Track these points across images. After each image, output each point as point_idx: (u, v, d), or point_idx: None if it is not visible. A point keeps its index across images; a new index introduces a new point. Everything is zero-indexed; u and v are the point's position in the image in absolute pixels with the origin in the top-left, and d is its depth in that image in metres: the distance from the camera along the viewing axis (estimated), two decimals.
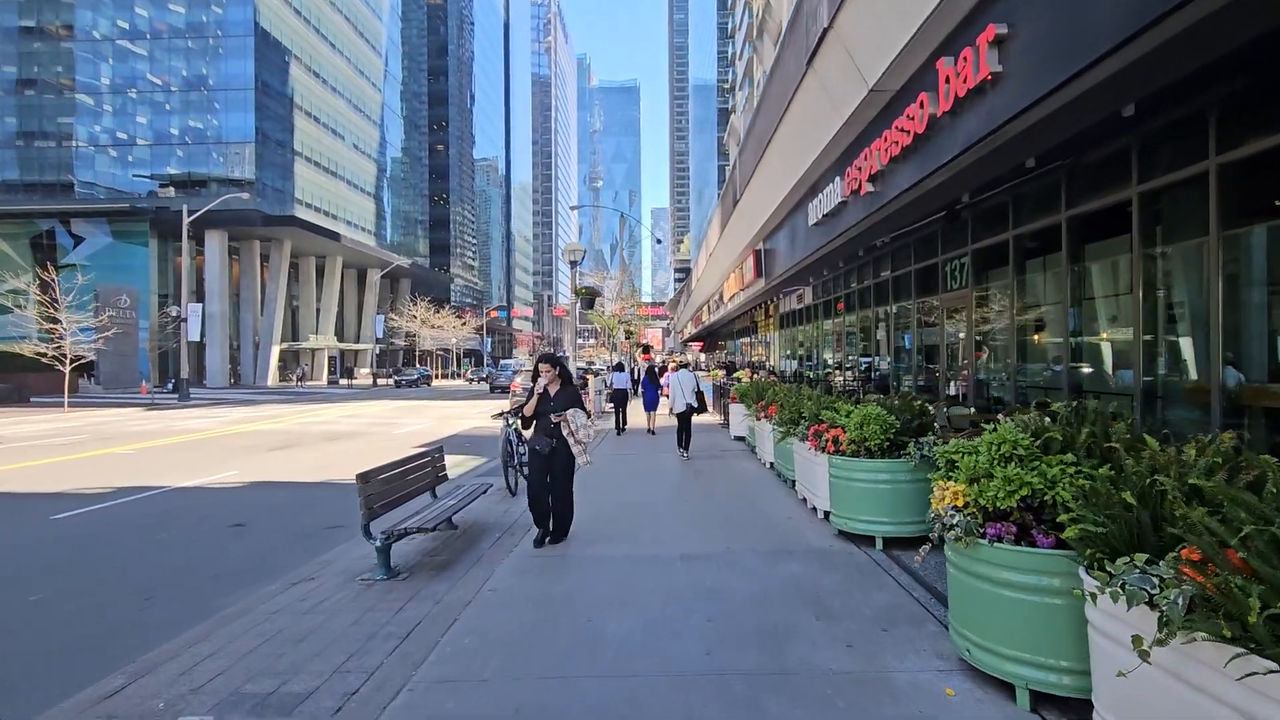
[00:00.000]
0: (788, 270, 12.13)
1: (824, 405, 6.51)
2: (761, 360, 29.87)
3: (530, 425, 6.40)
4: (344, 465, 11.65)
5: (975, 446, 3.19)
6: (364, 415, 22.85)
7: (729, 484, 8.75)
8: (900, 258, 12.98)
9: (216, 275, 51.69)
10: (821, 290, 19.06)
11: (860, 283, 15.54)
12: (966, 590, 3.19)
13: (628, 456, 11.89)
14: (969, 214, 10.02)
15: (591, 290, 15.50)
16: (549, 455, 6.26)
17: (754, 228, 13.62)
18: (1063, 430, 3.11)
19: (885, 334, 14.08)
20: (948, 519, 3.17)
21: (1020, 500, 2.89)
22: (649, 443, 13.89)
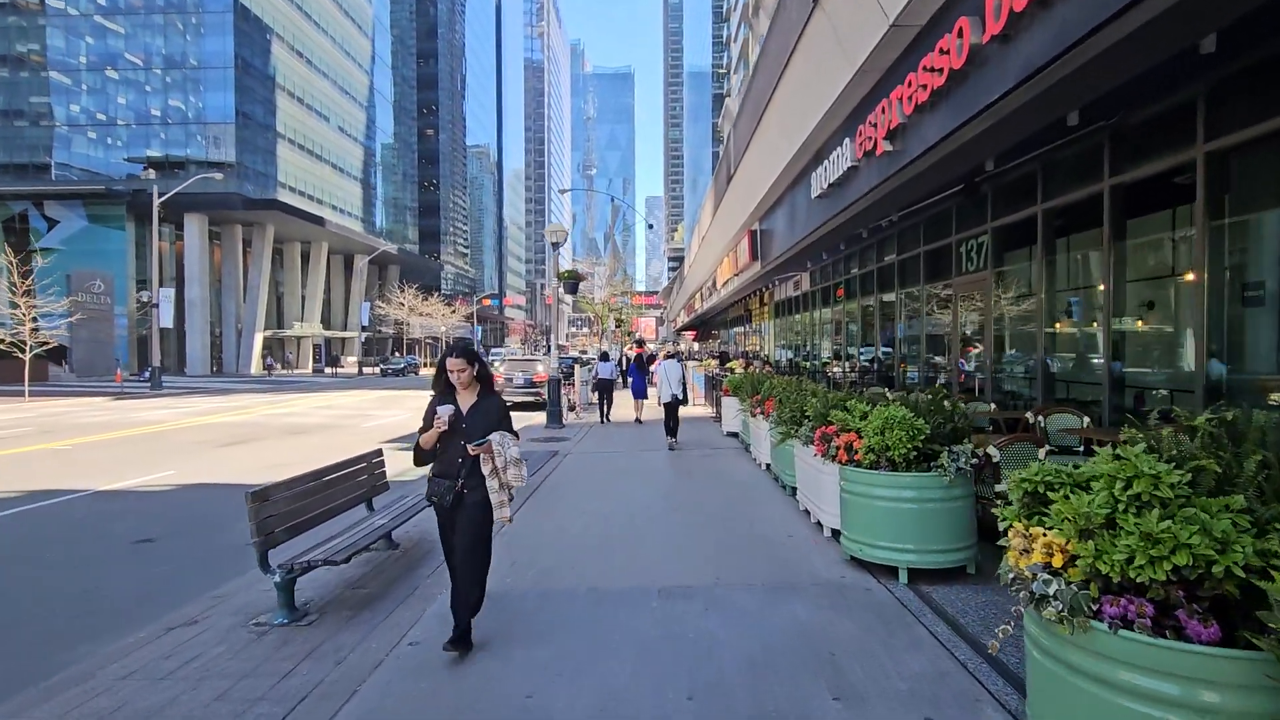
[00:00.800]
0: (786, 251, 11.07)
1: (832, 404, 5.46)
2: (755, 350, 28.86)
3: (424, 460, 3.99)
4: (298, 464, 10.56)
5: (1082, 475, 2.15)
6: (338, 406, 21.74)
7: (720, 489, 7.73)
8: (908, 239, 11.94)
9: (196, 260, 50.17)
10: (819, 276, 18.02)
11: (862, 267, 14.50)
12: (1063, 691, 2.16)
13: (612, 455, 10.86)
14: (989, 187, 8.97)
15: (575, 274, 14.38)
16: (452, 509, 3.84)
17: (749, 206, 12.54)
18: (1217, 455, 2.07)
19: (890, 322, 13.06)
20: (1038, 585, 2.13)
21: (1170, 570, 1.85)
22: (635, 435, 12.87)
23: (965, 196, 9.08)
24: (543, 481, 8.36)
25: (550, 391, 14.82)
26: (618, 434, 13.55)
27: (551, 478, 8.61)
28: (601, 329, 31.29)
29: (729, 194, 13.68)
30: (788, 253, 11.07)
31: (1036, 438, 4.80)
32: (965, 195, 9.07)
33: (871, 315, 14.18)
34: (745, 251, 13.72)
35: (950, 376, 10.38)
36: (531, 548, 5.55)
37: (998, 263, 9.02)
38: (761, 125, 9.64)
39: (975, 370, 10.07)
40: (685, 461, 9.72)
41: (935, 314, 11.41)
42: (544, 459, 10.32)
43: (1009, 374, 9.15)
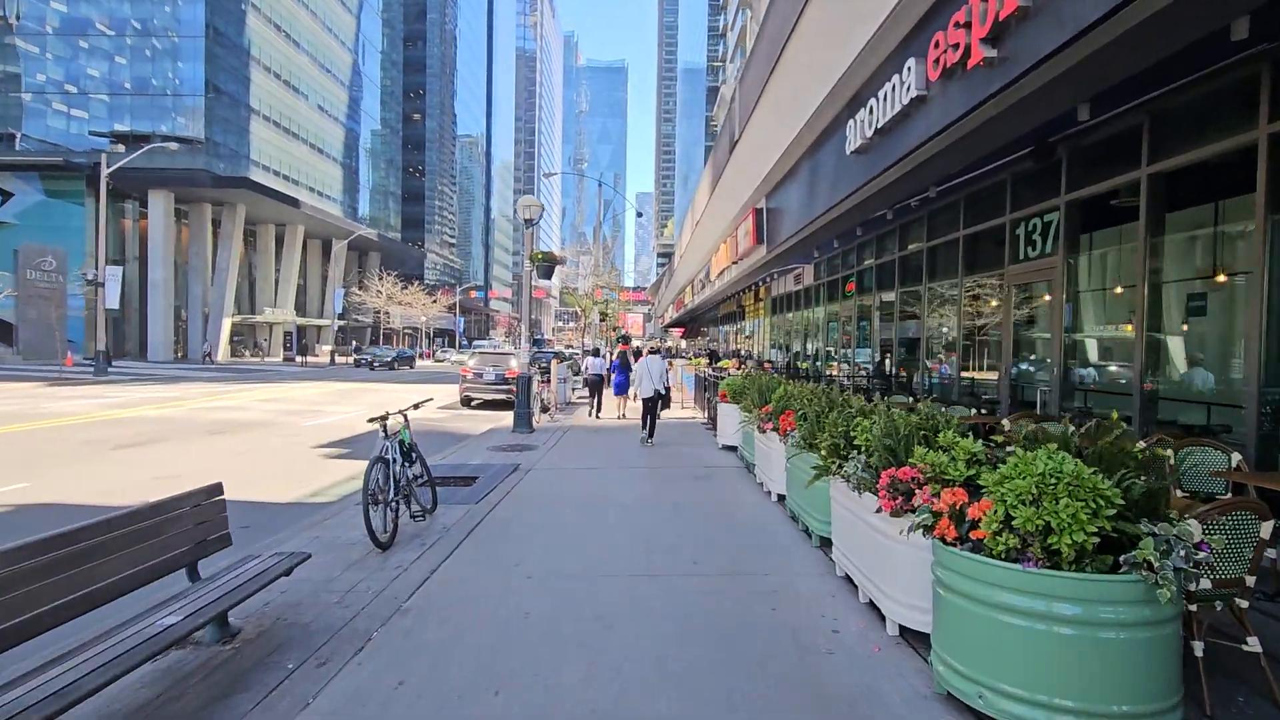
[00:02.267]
0: (801, 230, 9.20)
1: (912, 429, 3.59)
2: (749, 350, 27.01)
3: None
4: (203, 474, 8.56)
5: None
6: (289, 399, 19.62)
7: (721, 535, 5.80)
8: (941, 222, 10.09)
9: (161, 239, 47.61)
10: (826, 268, 16.17)
11: (879, 257, 12.65)
12: None
13: (582, 473, 8.93)
14: (1066, 150, 7.14)
15: (551, 257, 12.42)
16: None
17: (755, 178, 10.66)
18: None
19: (916, 320, 11.22)
20: None
21: None
22: (615, 443, 10.96)
23: (1037, 160, 7.24)
24: (486, 515, 6.41)
25: (520, 390, 12.86)
26: (595, 441, 11.63)
27: (499, 509, 6.66)
28: (585, 322, 29.25)
29: (730, 166, 11.79)
30: (804, 231, 9.19)
31: (1256, 504, 2.93)
32: (1037, 159, 7.22)
33: (891, 312, 12.35)
34: (748, 234, 11.84)
35: (1000, 386, 8.54)
36: (436, 650, 3.61)
37: (1072, 246, 7.19)
38: (779, 68, 7.74)
39: (1023, 379, 8.25)
40: (673, 487, 7.81)
41: (976, 310, 9.58)
42: (499, 475, 8.37)
43: (1087, 387, 7.32)
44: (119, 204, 49.05)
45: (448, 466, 9.03)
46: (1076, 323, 7.34)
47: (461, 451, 10.47)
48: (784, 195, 10.12)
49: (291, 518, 6.58)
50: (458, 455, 10.09)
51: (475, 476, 8.33)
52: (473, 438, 12.28)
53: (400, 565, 4.87)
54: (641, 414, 11.43)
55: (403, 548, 5.31)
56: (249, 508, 7.13)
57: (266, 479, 8.54)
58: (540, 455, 10.04)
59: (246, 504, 7.27)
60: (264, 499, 7.52)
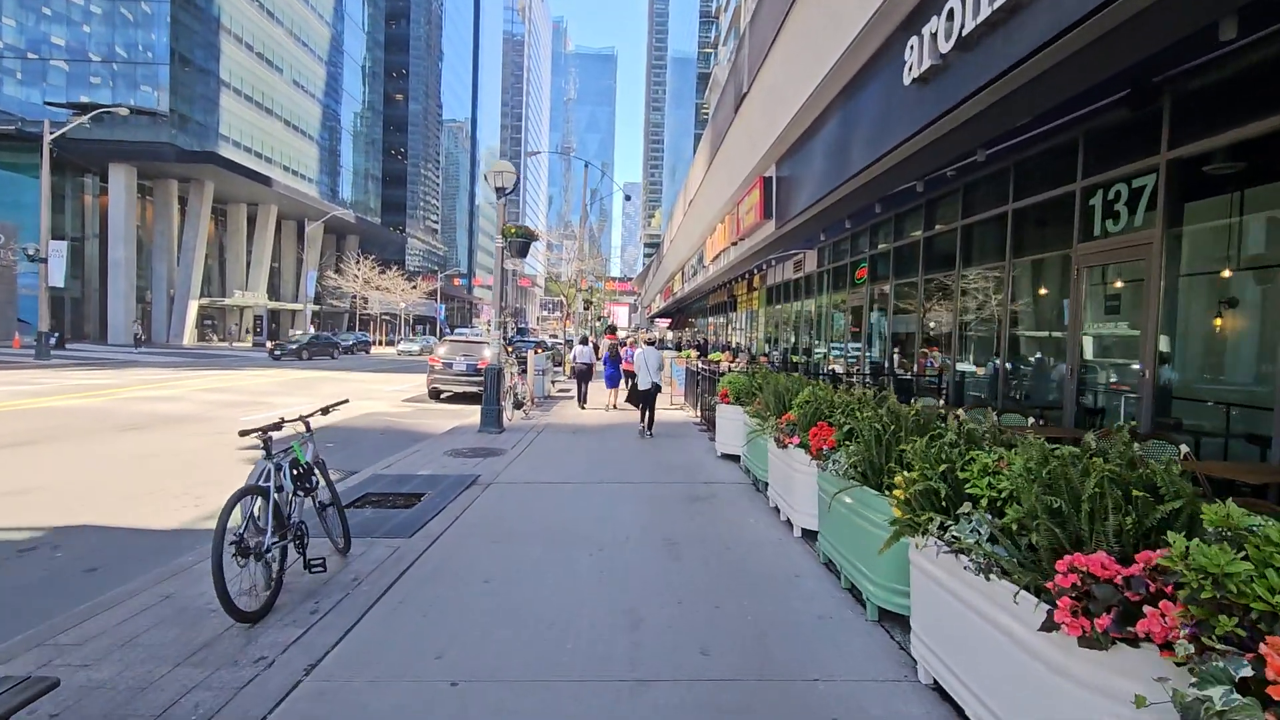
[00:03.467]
0: (826, 198, 7.63)
1: (1108, 483, 2.03)
2: (741, 342, 25.49)
3: None
4: (69, 488, 6.89)
5: None
6: (236, 389, 17.80)
7: (736, 604, 4.18)
8: (983, 195, 8.58)
9: (122, 216, 45.19)
10: (832, 254, 14.65)
11: (898, 239, 11.13)
12: None
13: (553, 489, 7.33)
14: (1172, 94, 5.64)
15: (526, 231, 10.77)
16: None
17: (765, 142, 9.08)
18: None
19: (949, 312, 9.73)
20: None
21: None
22: (597, 444, 9.38)
23: (1133, 108, 5.72)
24: (417, 559, 4.80)
25: (488, 383, 11.23)
26: (573, 445, 10.04)
27: (438, 548, 5.06)
28: (569, 310, 27.56)
29: (735, 129, 10.18)
30: (828, 199, 7.62)
31: None
32: (1133, 106, 5.70)
33: (912, 302, 10.85)
34: (753, 209, 10.26)
35: (1060, 392, 7.05)
36: None
37: (1174, 217, 5.69)
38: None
39: (1094, 383, 6.77)
40: (666, 513, 6.23)
41: (1024, 299, 8.10)
42: (450, 492, 6.76)
43: (1198, 396, 5.84)
44: (79, 178, 46.55)
45: (391, 479, 7.40)
46: (1178, 313, 5.85)
47: (414, 457, 8.84)
48: (801, 159, 8.54)
49: (163, 554, 4.95)
50: (408, 462, 8.46)
51: (420, 494, 6.72)
52: (432, 438, 10.64)
53: (265, 655, 3.26)
54: (640, 407, 11.26)
55: (282, 619, 3.69)
56: (118, 537, 5.49)
57: (159, 494, 6.87)
58: (506, 463, 8.43)
59: (117, 531, 5.63)
60: (143, 524, 5.86)
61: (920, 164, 6.26)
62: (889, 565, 3.44)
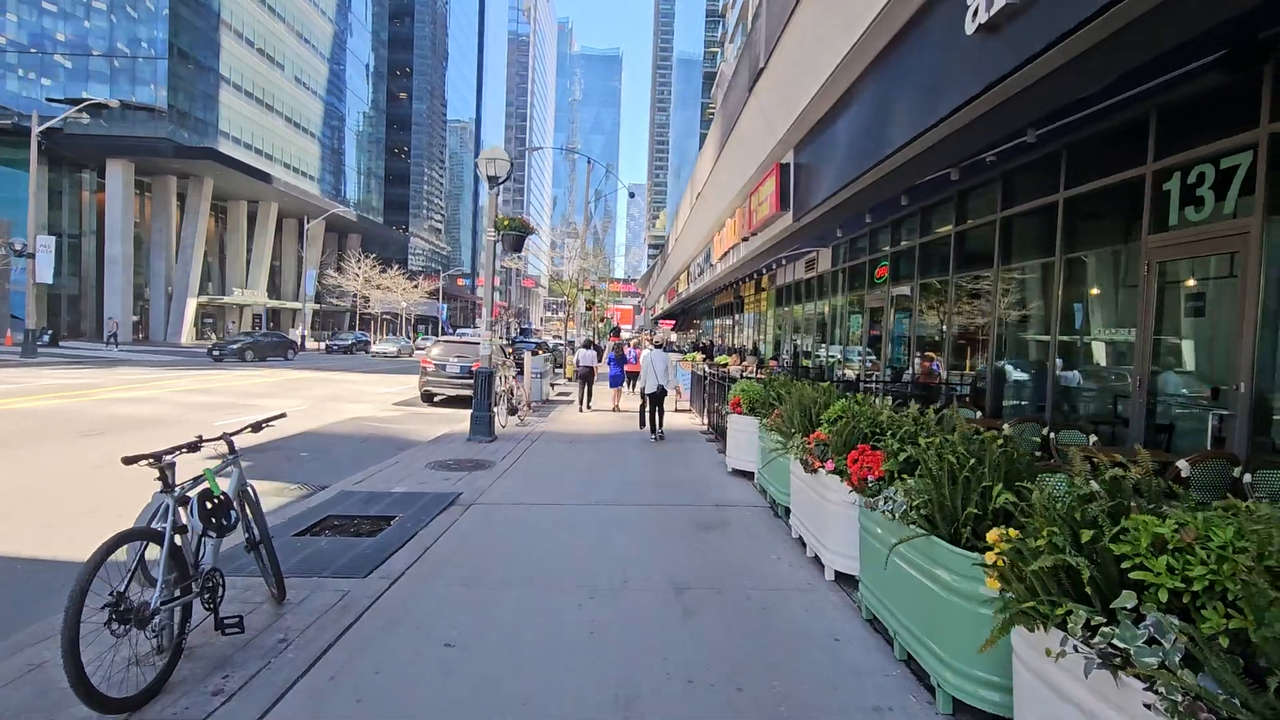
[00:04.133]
0: (855, 182, 6.73)
1: None
2: (749, 345, 24.60)
3: None
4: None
5: None
6: (220, 390, 16.98)
7: (767, 688, 3.28)
8: (1028, 184, 7.69)
9: (119, 213, 44.52)
10: (848, 251, 13.77)
11: (924, 234, 10.25)
12: None
13: (545, 512, 6.46)
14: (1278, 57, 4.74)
15: (520, 224, 9.90)
16: None
17: (783, 123, 8.21)
18: None
19: (985, 316, 8.84)
20: None
21: None
22: (596, 454, 8.51)
23: (1229, 70, 4.83)
24: (368, 609, 3.92)
25: (478, 388, 10.38)
26: (569, 456, 9.17)
27: (395, 594, 4.18)
28: (570, 310, 26.68)
29: (749, 110, 9.31)
30: (859, 183, 6.72)
31: None
32: (1230, 68, 4.81)
33: (940, 303, 9.96)
34: (767, 200, 9.37)
35: (1130, 405, 6.15)
36: None
37: (1277, 203, 4.81)
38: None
39: (1168, 395, 5.88)
40: (672, 548, 5.35)
41: (1074, 297, 7.22)
42: (425, 515, 5.90)
43: None
44: (76, 174, 45.96)
45: (360, 497, 6.55)
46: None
47: (392, 470, 7.98)
48: (825, 142, 7.66)
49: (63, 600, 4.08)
50: (385, 476, 7.61)
51: (390, 517, 5.86)
52: (416, 447, 9.79)
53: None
54: (648, 411, 11.09)
55: (175, 702, 2.83)
56: (15, 574, 4.63)
57: (95, 514, 6.03)
58: (492, 478, 7.56)
59: (19, 564, 4.78)
60: (57, 554, 5.01)
61: (968, 141, 5.37)
62: (970, 642, 2.57)
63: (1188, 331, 5.81)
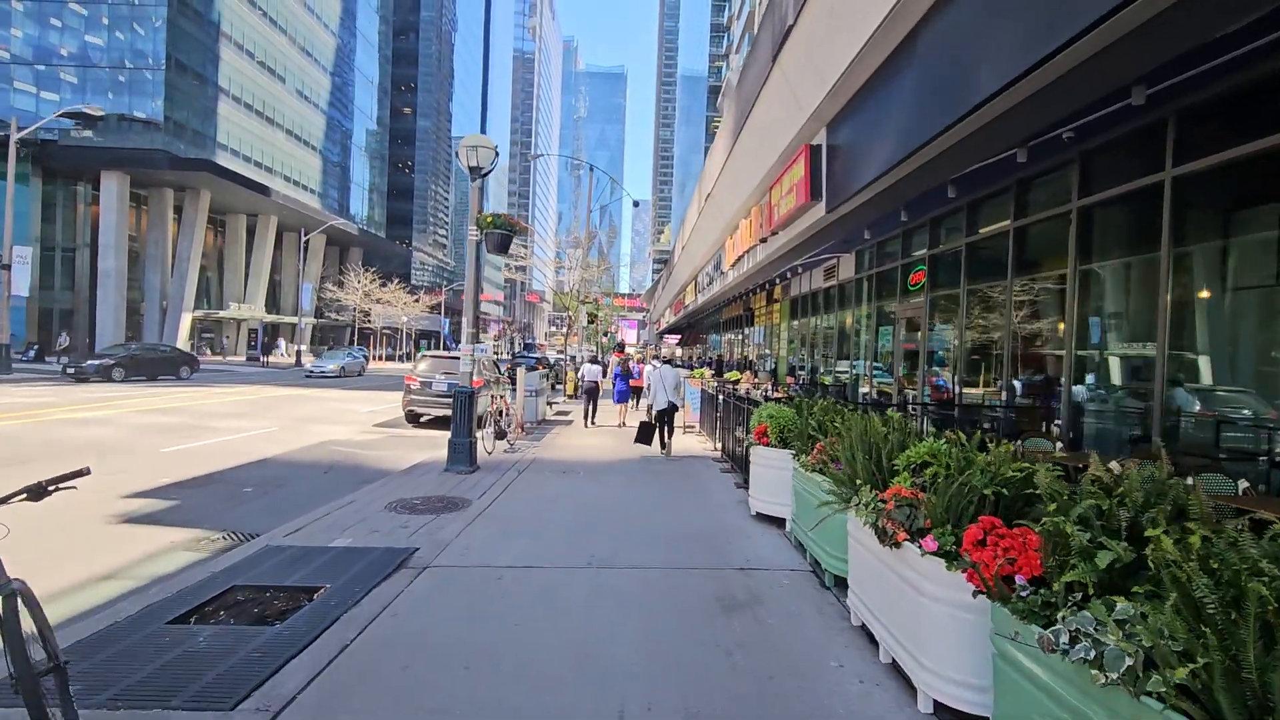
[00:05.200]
0: (912, 158, 5.36)
1: None
2: (759, 358, 23.15)
3: None
4: None
5: None
6: (182, 411, 15.61)
7: None
8: (1116, 162, 6.29)
9: (113, 225, 43.59)
10: (875, 256, 12.38)
11: (970, 232, 8.85)
12: None
13: (513, 592, 5.03)
14: None
15: (506, 221, 8.54)
16: None
17: (816, 92, 6.85)
18: None
19: (1048, 326, 7.42)
20: None
21: None
22: (596, 491, 7.07)
23: None
24: None
25: (457, 410, 8.98)
26: (561, 491, 7.73)
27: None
28: (571, 323, 25.26)
29: (772, 84, 7.94)
30: (920, 155, 5.35)
31: None
32: None
33: (994, 312, 8.55)
34: (795, 190, 7.99)
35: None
36: None
37: None
38: None
39: None
40: (690, 650, 3.90)
41: (1204, 303, 5.79)
42: (364, 583, 4.48)
43: None
44: (71, 186, 45.17)
45: (289, 555, 5.13)
46: None
47: (346, 511, 6.57)
48: (870, 110, 6.29)
49: None
50: (334, 520, 6.19)
51: (315, 589, 4.44)
52: (385, 479, 8.37)
53: None
54: (657, 429, 10.81)
55: None
56: None
57: None
58: (463, 524, 6.13)
59: None
60: None
61: (1076, 89, 3.99)
62: None
63: None
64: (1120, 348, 6.60)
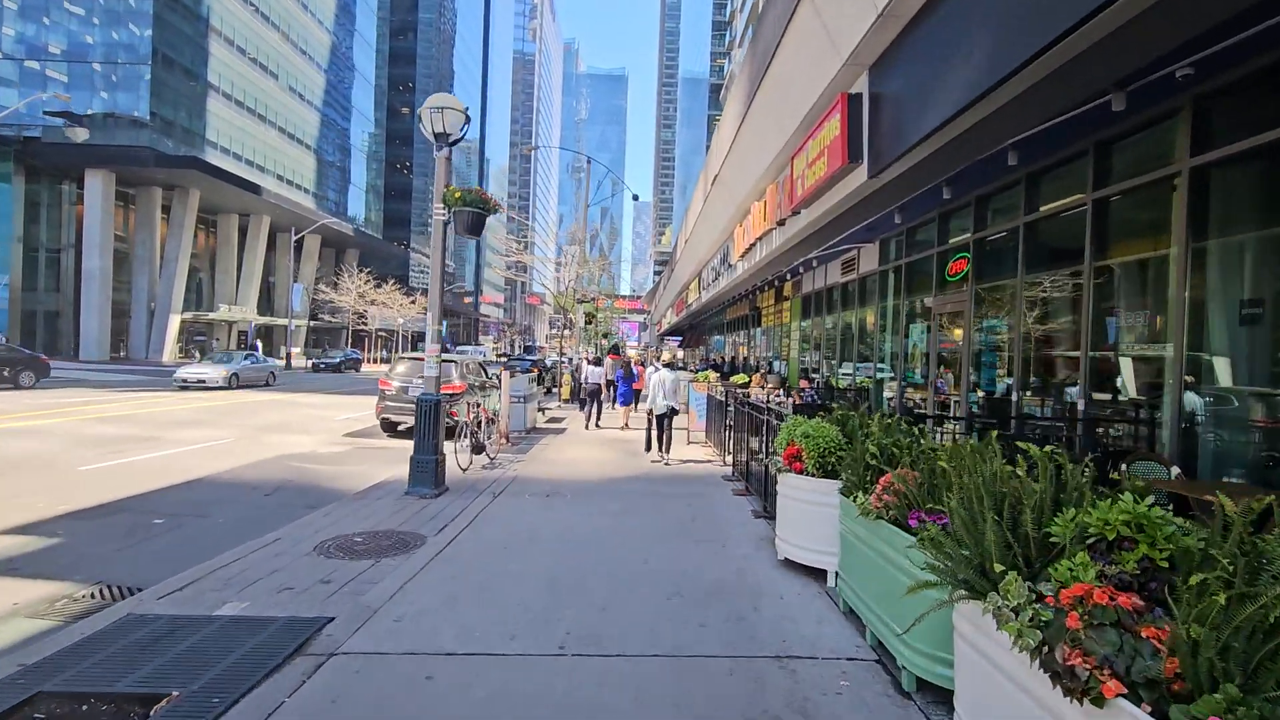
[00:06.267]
0: (1000, 87, 3.97)
1: None
2: (768, 359, 21.69)
3: None
4: None
5: None
6: (141, 417, 14.20)
7: None
8: (1240, 111, 4.88)
9: (98, 225, 42.29)
10: (904, 245, 10.96)
11: (1030, 210, 7.45)
12: None
13: (470, 692, 3.58)
14: None
15: (478, 198, 7.11)
16: None
17: (858, 28, 5.43)
18: None
19: (1142, 317, 5.97)
20: None
21: None
22: (582, 527, 5.62)
23: None
24: None
25: (420, 422, 7.57)
26: (543, 520, 6.31)
27: None
28: (566, 322, 23.83)
29: (799, 21, 6.49)
30: (1006, 88, 3.96)
31: None
32: None
33: (1060, 307, 7.12)
34: (826, 153, 6.52)
35: None
36: None
37: None
38: None
39: None
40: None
41: None
42: (231, 685, 3.04)
43: None
44: (56, 185, 43.90)
45: (152, 630, 3.72)
46: None
47: (262, 554, 5.14)
48: (931, 39, 4.88)
49: None
50: (243, 568, 4.78)
51: (157, 699, 3.00)
52: (334, 505, 6.95)
53: None
54: (655, 432, 10.46)
55: None
56: None
57: None
58: (406, 575, 4.69)
59: None
60: None
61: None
62: None
63: None
64: (1248, 345, 5.15)
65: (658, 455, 10.37)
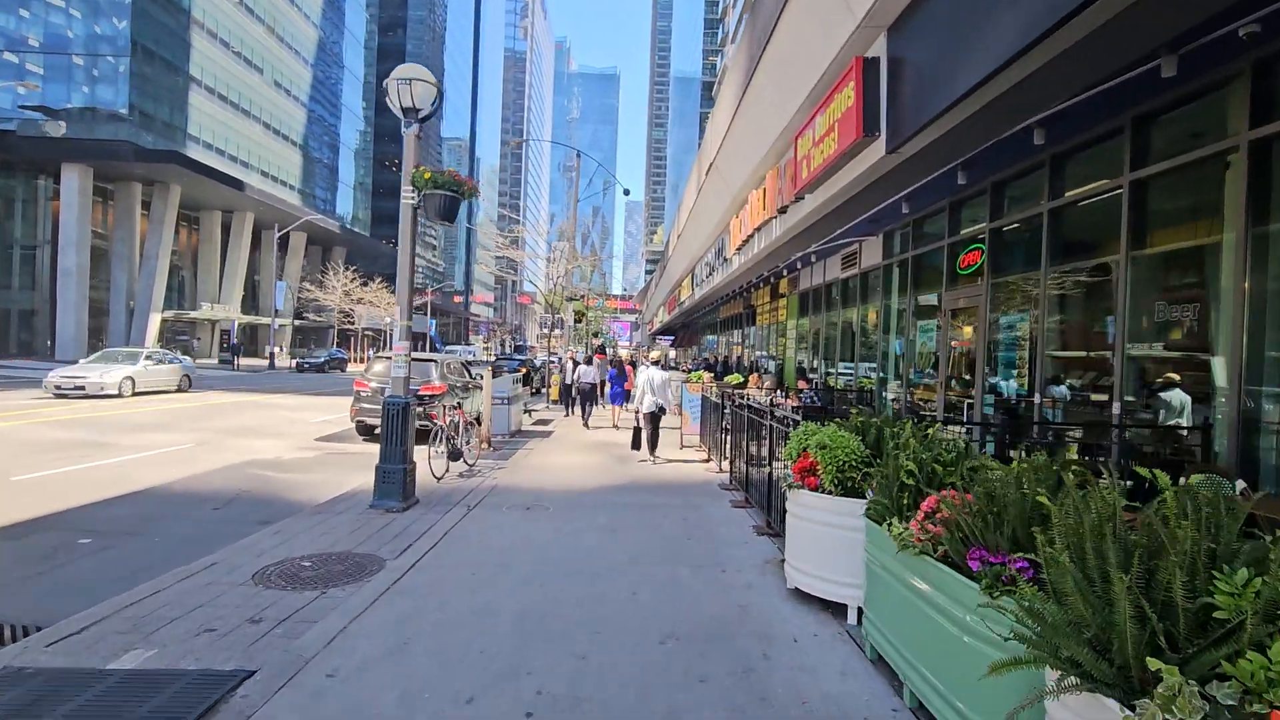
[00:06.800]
0: (1043, 40, 3.32)
1: None
2: (765, 359, 21.05)
3: None
4: None
5: None
6: (97, 420, 13.38)
7: None
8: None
9: (75, 221, 41.15)
10: (910, 238, 10.34)
11: (1054, 197, 6.82)
12: None
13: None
14: None
15: (453, 180, 6.40)
16: None
17: None
18: None
19: (1192, 311, 5.34)
20: None
21: None
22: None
23: None
24: None
25: (387, 426, 6.85)
26: (520, 538, 5.62)
27: None
28: (554, 320, 23.05)
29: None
30: (1054, 39, 3.31)
31: None
32: None
33: (1093, 300, 6.49)
34: (836, 129, 5.86)
35: None
36: None
37: None
38: None
39: None
40: None
41: None
42: None
43: None
44: (32, 180, 42.73)
45: (29, 693, 2.99)
46: None
47: (192, 582, 4.42)
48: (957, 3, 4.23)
49: None
50: (159, 604, 4.06)
51: None
52: (289, 519, 6.22)
53: None
54: (647, 432, 10.28)
55: None
56: None
57: None
58: (348, 619, 3.98)
59: None
60: None
61: None
62: None
63: None
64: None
65: (645, 455, 10.31)
